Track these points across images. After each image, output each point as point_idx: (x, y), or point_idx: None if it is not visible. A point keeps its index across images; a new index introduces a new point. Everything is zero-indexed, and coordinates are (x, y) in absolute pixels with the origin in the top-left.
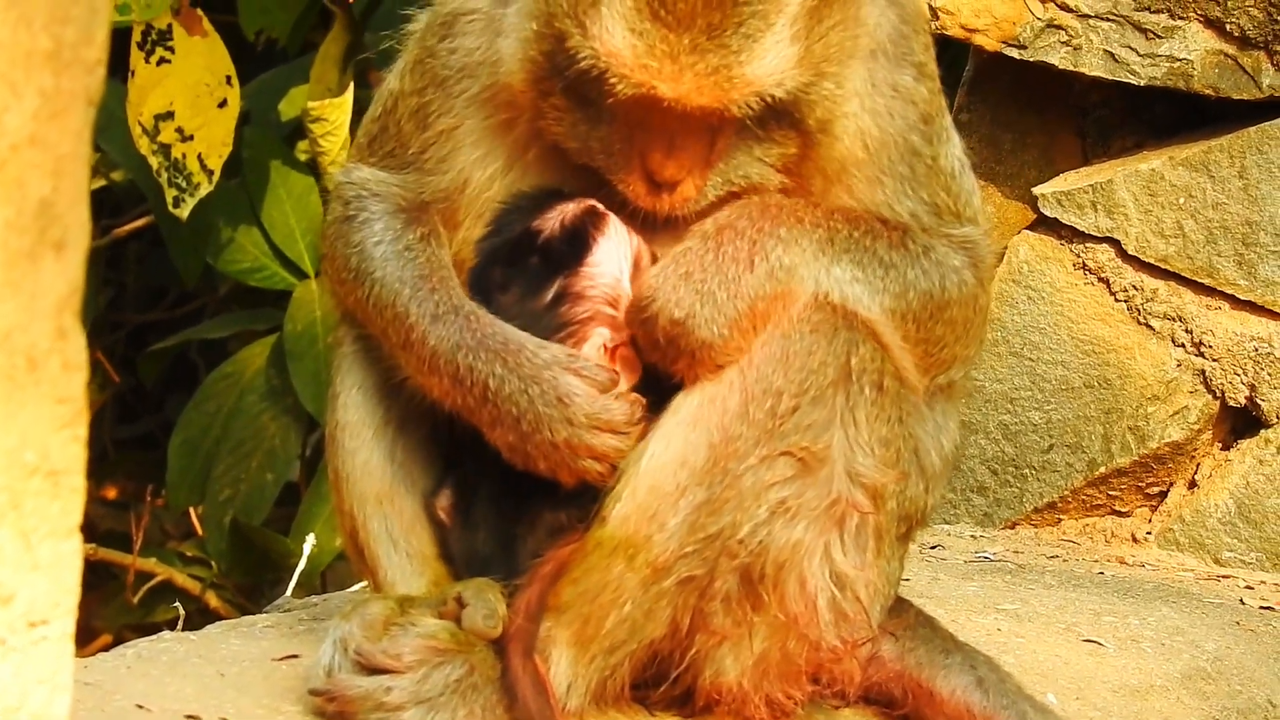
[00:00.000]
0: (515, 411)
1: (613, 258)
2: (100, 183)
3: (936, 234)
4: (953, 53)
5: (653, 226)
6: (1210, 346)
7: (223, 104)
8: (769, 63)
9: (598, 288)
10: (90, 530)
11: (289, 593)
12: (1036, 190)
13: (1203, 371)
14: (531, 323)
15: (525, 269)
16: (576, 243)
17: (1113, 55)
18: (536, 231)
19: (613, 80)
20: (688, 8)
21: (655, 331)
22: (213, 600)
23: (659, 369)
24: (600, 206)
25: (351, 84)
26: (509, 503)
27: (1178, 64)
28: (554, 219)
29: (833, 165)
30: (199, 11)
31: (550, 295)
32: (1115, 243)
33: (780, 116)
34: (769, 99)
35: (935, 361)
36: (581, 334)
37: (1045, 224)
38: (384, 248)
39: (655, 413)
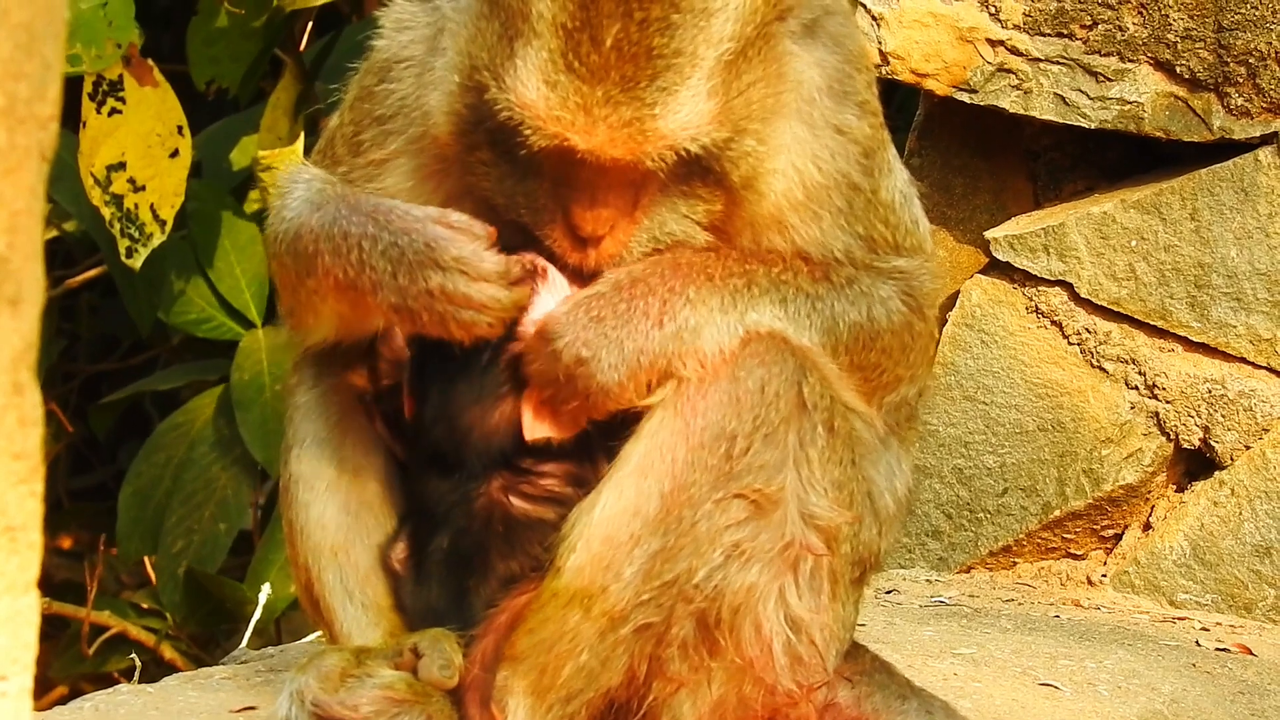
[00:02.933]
0: (390, 268)
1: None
2: (53, 233)
3: (863, 267)
4: (901, 96)
5: (584, 279)
6: (1164, 389)
7: (174, 154)
8: (683, 116)
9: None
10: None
11: (245, 642)
12: (988, 234)
13: (1156, 414)
14: (473, 378)
15: None
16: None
17: (1063, 99)
18: None
19: (527, 131)
20: (602, 60)
21: (557, 366)
22: (168, 651)
23: (551, 405)
24: (540, 260)
25: (302, 133)
26: (460, 554)
27: (1128, 107)
28: None
29: (761, 219)
30: (150, 62)
31: (490, 350)
32: (1068, 286)
33: (703, 173)
34: (683, 152)
35: (877, 386)
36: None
37: (997, 268)
38: (299, 198)
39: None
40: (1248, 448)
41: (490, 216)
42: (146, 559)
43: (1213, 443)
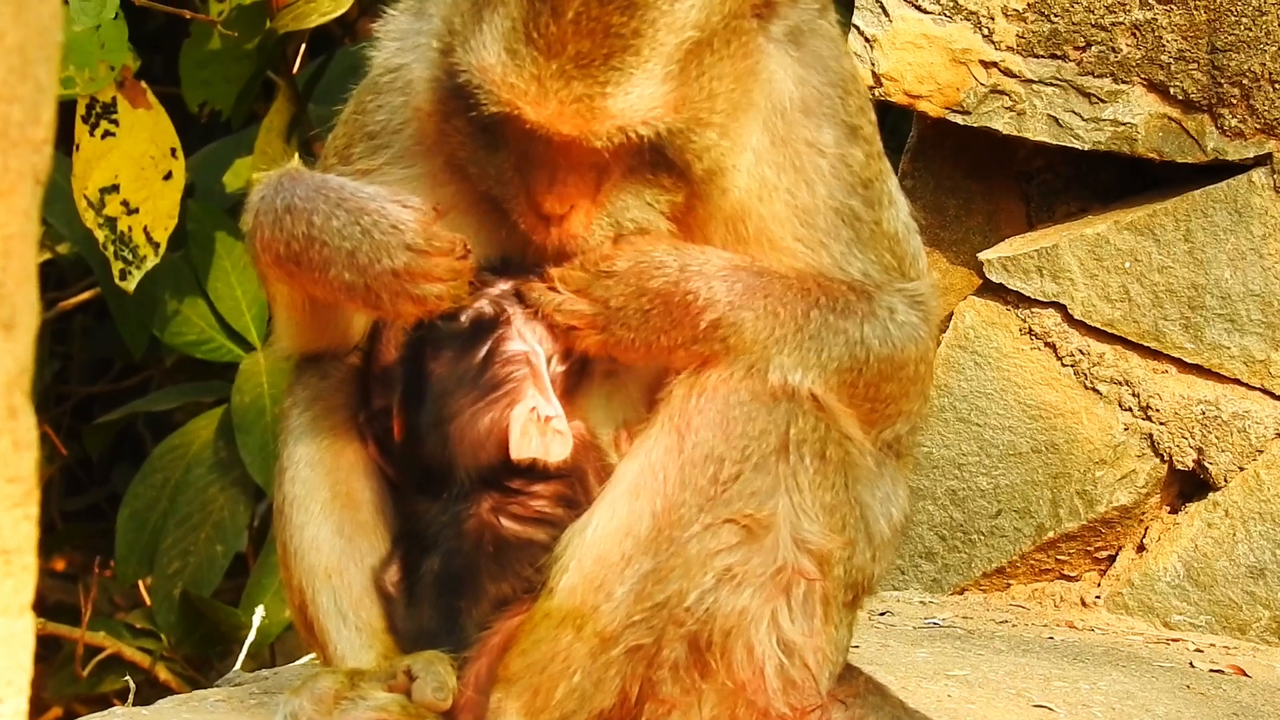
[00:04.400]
0: (349, 245)
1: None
2: (46, 255)
3: (891, 291)
4: (894, 118)
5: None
6: (1157, 410)
7: (168, 176)
8: (634, 98)
9: (528, 346)
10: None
11: (239, 665)
12: (982, 256)
13: (1150, 435)
14: (464, 382)
15: (456, 332)
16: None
17: (1056, 120)
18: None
19: (481, 96)
20: (560, 33)
21: (599, 291)
22: (162, 673)
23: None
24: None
25: (296, 156)
26: (451, 576)
27: (1122, 128)
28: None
29: (724, 216)
30: (143, 84)
31: (483, 352)
32: (1061, 307)
33: (667, 162)
34: (633, 135)
35: (880, 417)
36: (516, 392)
37: (991, 290)
38: (259, 190)
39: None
40: (1241, 469)
41: (478, 225)
42: (141, 581)
43: (1207, 464)
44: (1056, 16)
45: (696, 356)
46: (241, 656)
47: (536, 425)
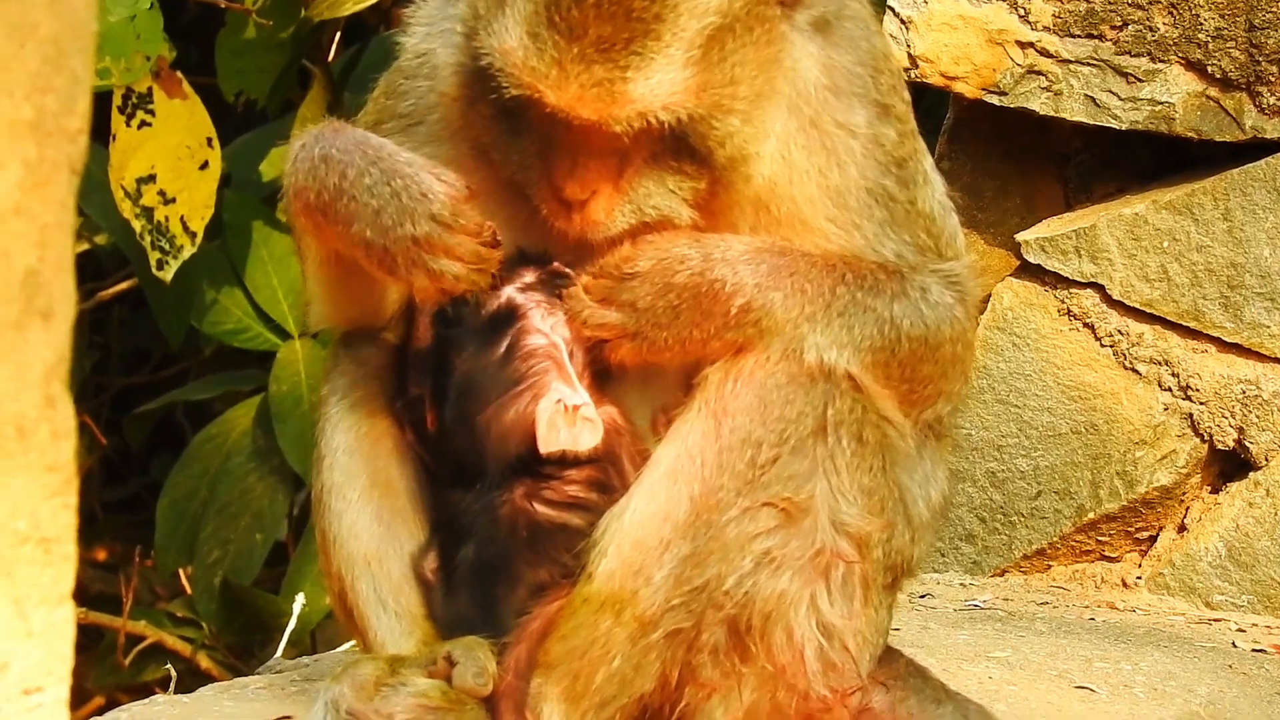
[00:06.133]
0: (376, 204)
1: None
2: (83, 246)
3: (925, 271)
4: (930, 100)
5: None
6: (1197, 390)
7: (204, 166)
8: (654, 83)
9: (550, 339)
10: (80, 592)
11: (279, 652)
12: (1019, 237)
13: (1190, 415)
14: (487, 378)
15: (479, 326)
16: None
17: (1094, 100)
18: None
19: (503, 79)
20: (581, 17)
21: (625, 295)
22: (203, 661)
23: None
24: (557, 265)
25: None
26: (486, 563)
27: (1159, 107)
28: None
29: (747, 203)
30: (179, 74)
31: (504, 347)
32: (1100, 288)
33: (689, 149)
34: (653, 120)
35: (919, 398)
36: (539, 385)
37: (1029, 271)
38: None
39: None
40: None
41: (506, 212)
42: (181, 570)
43: (1247, 443)
44: None
45: (731, 345)
46: (282, 644)
47: (564, 416)
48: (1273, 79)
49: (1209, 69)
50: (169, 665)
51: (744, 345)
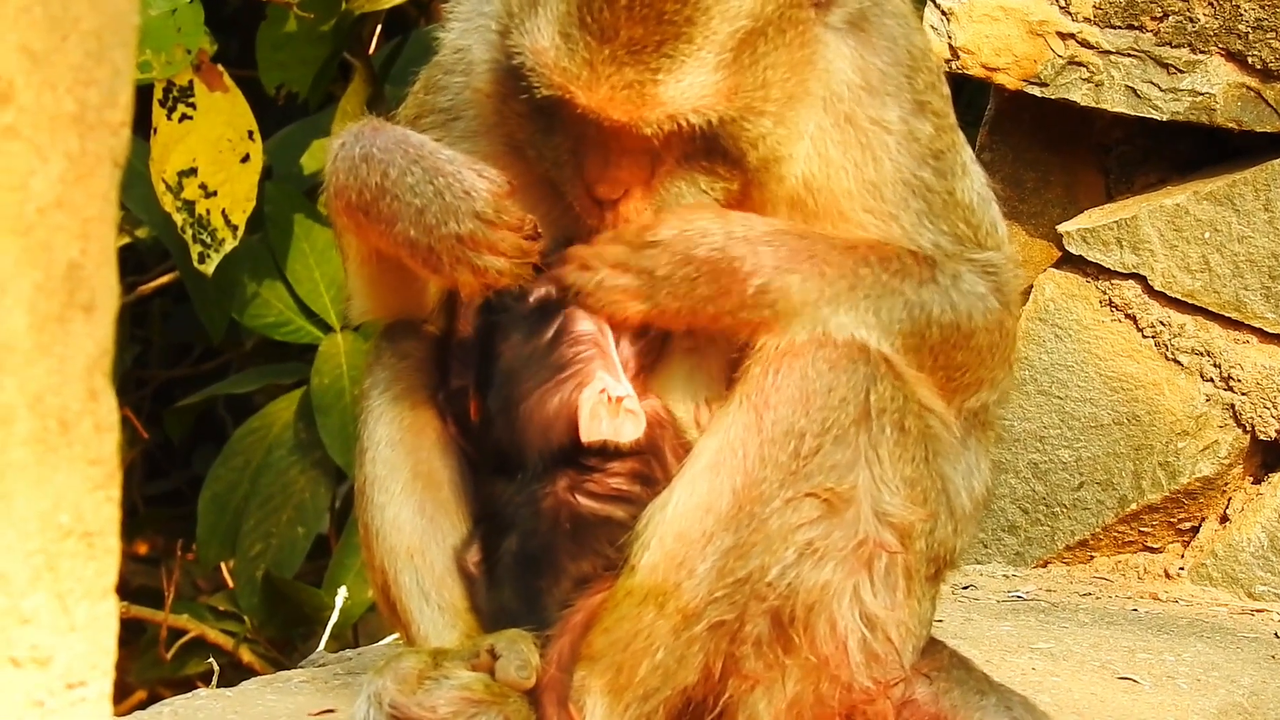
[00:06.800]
0: (419, 203)
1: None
2: (125, 240)
3: (961, 260)
4: (970, 91)
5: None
6: (1239, 380)
7: (245, 159)
8: (685, 86)
9: (595, 326)
10: (122, 586)
11: (322, 646)
12: (1061, 228)
13: (1232, 406)
14: (533, 362)
15: (526, 311)
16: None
17: (1135, 91)
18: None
19: (535, 79)
20: (613, 19)
21: (644, 262)
22: (246, 655)
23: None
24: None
25: None
26: (529, 556)
27: (1200, 98)
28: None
29: (780, 203)
30: (219, 67)
31: (550, 334)
32: (1141, 279)
33: (721, 150)
34: (684, 123)
35: (958, 386)
36: (584, 374)
37: (1070, 262)
38: (337, 145)
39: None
40: None
41: (544, 205)
42: (223, 563)
43: None
44: None
45: (743, 324)
46: (325, 637)
47: (607, 407)
48: None
49: (1249, 60)
50: (211, 659)
51: (759, 326)
